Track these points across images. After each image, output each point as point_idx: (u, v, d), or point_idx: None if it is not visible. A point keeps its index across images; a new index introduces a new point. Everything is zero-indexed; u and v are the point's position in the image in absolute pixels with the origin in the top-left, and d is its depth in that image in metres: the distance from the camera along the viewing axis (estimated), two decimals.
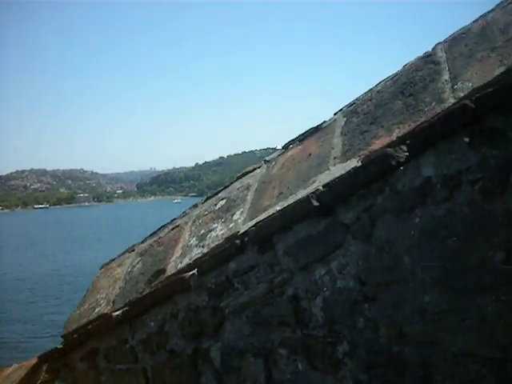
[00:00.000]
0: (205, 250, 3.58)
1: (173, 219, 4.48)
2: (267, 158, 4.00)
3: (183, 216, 4.37)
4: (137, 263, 4.36)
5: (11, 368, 4.85)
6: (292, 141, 3.87)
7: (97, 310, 4.26)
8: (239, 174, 4.15)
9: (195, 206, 4.36)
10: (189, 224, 4.13)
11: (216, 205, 4.03)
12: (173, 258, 3.88)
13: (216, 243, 3.53)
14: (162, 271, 3.87)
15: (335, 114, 3.68)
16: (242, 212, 3.58)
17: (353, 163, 3.01)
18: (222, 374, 3.57)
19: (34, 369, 4.52)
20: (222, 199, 4.01)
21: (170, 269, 3.80)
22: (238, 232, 3.39)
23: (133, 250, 4.65)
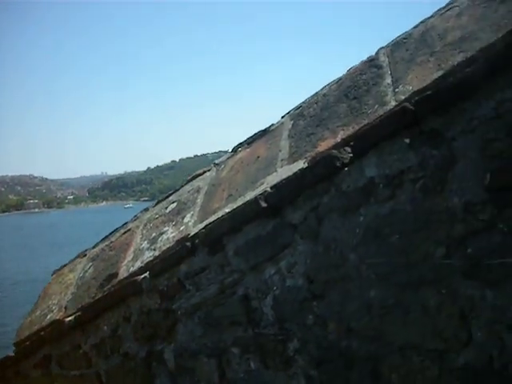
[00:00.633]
0: (156, 253, 3.61)
1: (124, 223, 4.49)
2: (217, 161, 4.06)
3: (134, 220, 4.38)
4: (89, 268, 4.36)
5: None
6: (241, 144, 3.94)
7: (49, 317, 4.23)
8: (189, 177, 4.19)
9: (146, 210, 4.39)
10: (140, 228, 4.16)
11: (167, 208, 4.06)
12: (125, 262, 3.90)
13: (167, 246, 3.56)
14: (115, 275, 3.88)
15: (282, 117, 3.75)
16: (193, 215, 3.63)
17: (299, 165, 3.09)
18: (176, 376, 3.61)
19: None
20: (173, 202, 4.05)
21: (122, 272, 3.81)
22: (189, 234, 3.43)
23: (84, 255, 4.64)
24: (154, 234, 3.86)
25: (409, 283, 2.78)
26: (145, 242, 3.88)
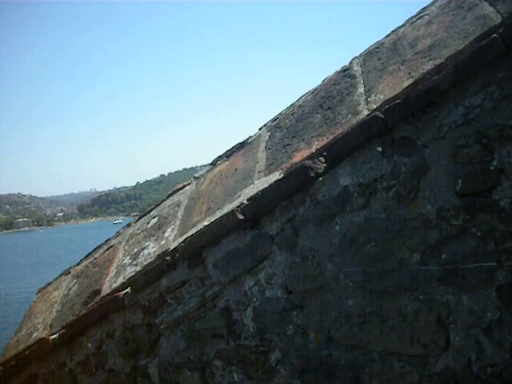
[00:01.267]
0: (138, 269, 3.62)
1: (107, 239, 4.49)
2: (196, 175, 4.08)
3: (117, 236, 4.39)
4: (73, 285, 4.35)
5: None
6: (220, 157, 3.96)
7: (34, 335, 4.22)
8: (170, 192, 4.21)
9: (128, 226, 4.40)
10: (123, 243, 4.16)
11: (148, 223, 4.07)
12: (107, 278, 3.90)
13: (149, 261, 3.57)
14: (98, 292, 3.88)
15: (260, 129, 3.78)
16: (173, 229, 3.64)
17: (275, 176, 3.11)
18: None
19: None
20: (154, 217, 4.06)
21: (105, 289, 3.82)
22: (169, 249, 3.44)
23: (69, 273, 4.64)
24: (136, 250, 3.86)
25: (386, 291, 2.80)
26: (127, 258, 3.88)
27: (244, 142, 3.81)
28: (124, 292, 3.59)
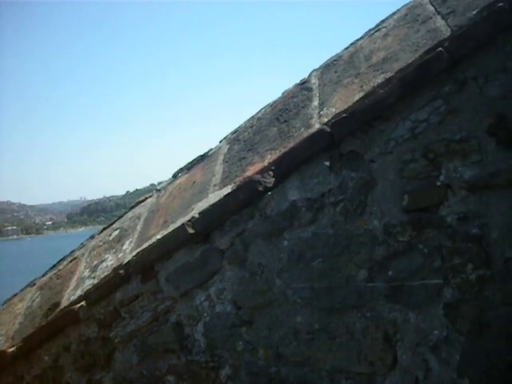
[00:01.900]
0: (95, 282, 3.56)
1: (72, 251, 4.44)
2: (158, 187, 4.03)
3: (81, 248, 4.33)
4: (36, 297, 4.30)
5: None
6: (181, 169, 3.91)
7: None
8: (133, 204, 4.17)
9: (92, 237, 4.34)
10: (85, 255, 4.11)
11: (110, 235, 4.02)
12: (68, 291, 3.84)
13: (105, 274, 3.52)
14: (58, 304, 3.82)
15: (220, 142, 3.74)
16: (131, 241, 3.59)
17: (227, 190, 3.07)
18: None
19: None
20: (116, 229, 4.01)
21: (64, 301, 3.76)
22: (123, 262, 3.40)
23: (34, 284, 4.58)
24: (96, 262, 3.81)
25: (333, 307, 2.77)
26: (87, 271, 3.83)
27: (204, 155, 3.77)
28: (79, 305, 3.54)
